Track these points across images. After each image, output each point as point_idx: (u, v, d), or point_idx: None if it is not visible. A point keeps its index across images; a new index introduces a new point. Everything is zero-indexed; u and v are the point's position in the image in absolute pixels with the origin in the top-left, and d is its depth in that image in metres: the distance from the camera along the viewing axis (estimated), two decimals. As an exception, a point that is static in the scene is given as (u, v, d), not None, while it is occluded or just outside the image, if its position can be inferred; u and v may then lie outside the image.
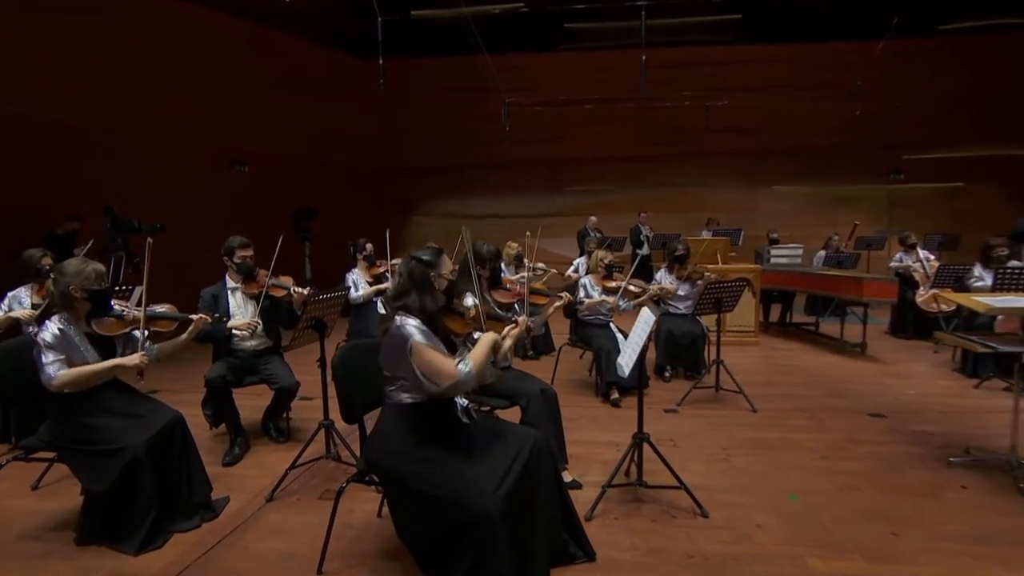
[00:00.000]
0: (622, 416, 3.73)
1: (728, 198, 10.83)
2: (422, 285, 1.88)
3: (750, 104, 10.47)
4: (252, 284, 3.29)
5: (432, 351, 1.77)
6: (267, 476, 2.85)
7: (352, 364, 2.14)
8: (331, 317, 2.94)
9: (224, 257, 3.28)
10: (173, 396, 4.13)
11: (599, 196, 11.32)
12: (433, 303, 1.88)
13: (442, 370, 1.74)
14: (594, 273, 4.44)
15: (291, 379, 3.22)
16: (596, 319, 4.32)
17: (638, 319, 2.59)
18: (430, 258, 1.92)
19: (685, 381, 4.53)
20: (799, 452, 3.12)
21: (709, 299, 4.06)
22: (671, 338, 4.55)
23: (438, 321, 1.88)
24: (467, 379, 1.75)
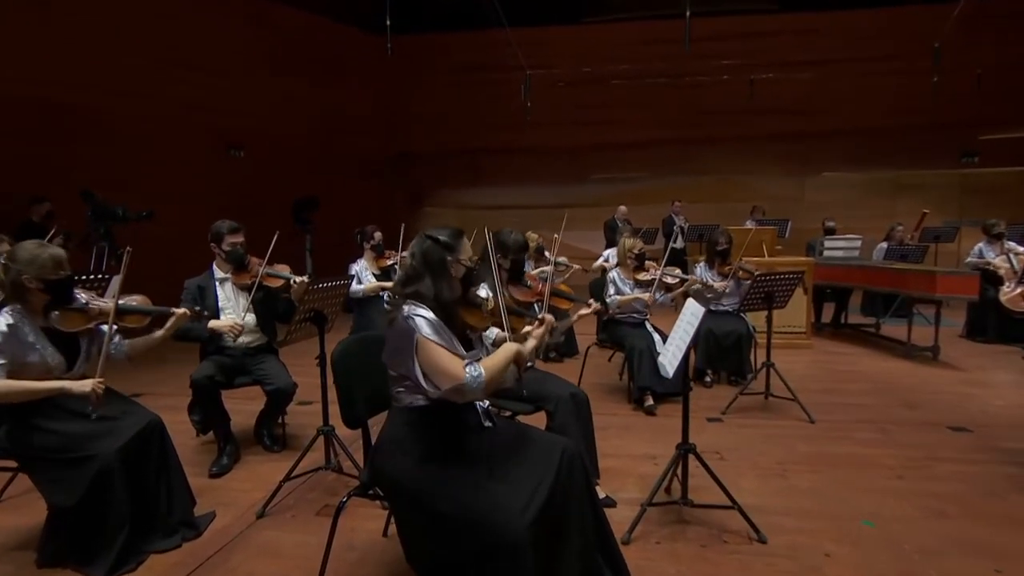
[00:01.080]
0: (658, 425, 3.66)
1: (773, 186, 10.59)
2: (438, 270, 1.78)
3: (798, 80, 10.18)
4: (243, 274, 3.20)
5: (438, 348, 1.67)
6: (259, 489, 2.80)
7: (355, 360, 2.04)
8: (332, 309, 2.86)
9: (211, 244, 3.18)
10: (156, 400, 4.08)
11: (628, 185, 11.16)
12: (449, 291, 1.78)
13: (447, 370, 1.65)
14: (623, 266, 4.31)
15: (287, 380, 3.15)
16: (629, 317, 4.22)
17: (683, 312, 2.47)
18: (448, 239, 1.82)
19: (729, 387, 4.45)
20: (870, 470, 2.99)
21: (758, 294, 3.89)
22: (712, 338, 4.41)
23: (454, 313, 1.78)
24: (474, 387, 1.65)
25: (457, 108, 11.48)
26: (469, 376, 1.65)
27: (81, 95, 7.06)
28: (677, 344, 2.38)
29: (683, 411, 2.47)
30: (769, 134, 10.52)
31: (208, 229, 3.21)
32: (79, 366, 2.30)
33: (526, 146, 11.31)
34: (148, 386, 4.62)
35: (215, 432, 3.17)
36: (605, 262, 6.22)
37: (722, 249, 4.63)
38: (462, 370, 1.66)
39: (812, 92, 10.26)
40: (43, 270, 2.18)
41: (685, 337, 2.33)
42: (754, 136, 10.57)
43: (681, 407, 2.46)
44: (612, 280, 4.25)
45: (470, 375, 1.65)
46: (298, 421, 3.68)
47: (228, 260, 3.19)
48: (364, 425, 2.08)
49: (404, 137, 11.81)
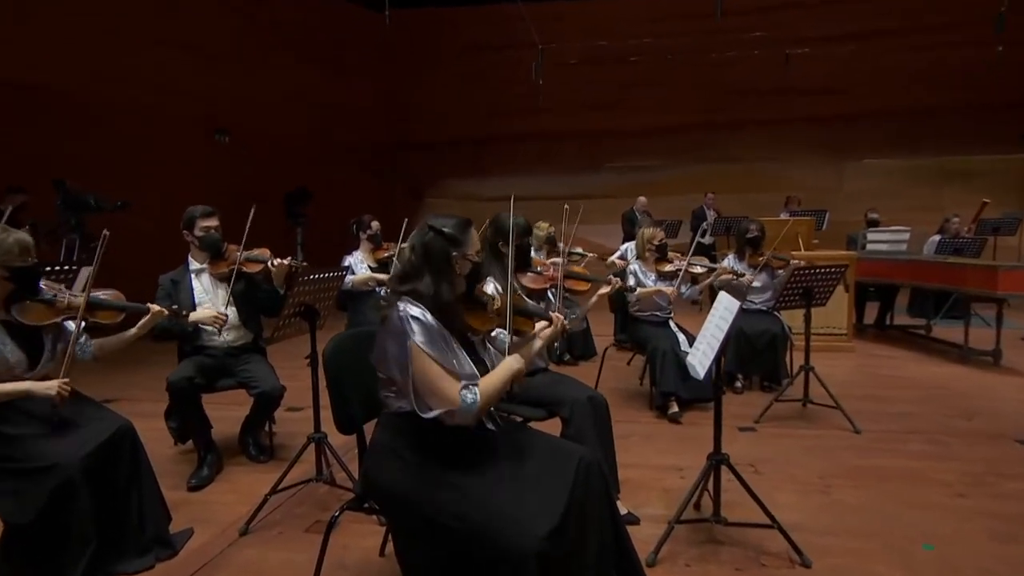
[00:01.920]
0: (684, 434, 3.65)
1: (808, 175, 10.47)
2: (440, 266, 1.73)
3: (837, 54, 10.02)
4: (221, 262, 3.17)
5: (432, 364, 1.64)
6: (242, 503, 2.77)
7: (349, 357, 2.02)
8: (324, 304, 2.83)
9: (184, 232, 3.17)
10: (130, 406, 4.01)
11: (647, 174, 11.09)
12: (451, 291, 1.74)
13: (440, 391, 1.64)
14: (643, 258, 4.28)
15: (274, 383, 3.12)
16: (651, 315, 4.18)
17: (715, 305, 2.41)
18: (454, 231, 1.76)
19: (761, 393, 4.43)
20: (925, 486, 2.92)
21: (796, 289, 3.82)
22: (743, 339, 4.36)
23: (455, 315, 1.74)
24: (467, 413, 1.65)
25: (463, 92, 11.46)
26: (463, 402, 1.64)
27: (54, 77, 7.07)
28: (708, 341, 2.31)
29: (715, 417, 2.42)
30: (804, 116, 10.39)
31: (188, 221, 3.18)
32: (43, 365, 2.25)
33: (536, 132, 11.27)
34: (122, 390, 4.59)
35: (194, 440, 3.14)
36: (622, 258, 6.17)
37: (753, 237, 4.57)
38: (456, 394, 1.64)
39: (853, 68, 10.10)
40: (7, 256, 2.12)
41: (718, 333, 2.27)
42: (787, 119, 10.45)
43: (712, 415, 2.42)
44: (633, 273, 4.21)
45: (464, 401, 1.64)
46: (287, 429, 3.66)
47: (202, 247, 3.16)
48: (359, 430, 2.04)
49: (406, 124, 11.80)
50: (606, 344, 4.69)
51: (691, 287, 4.26)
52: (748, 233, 4.58)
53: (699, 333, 2.43)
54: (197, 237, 3.14)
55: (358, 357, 1.99)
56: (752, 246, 4.60)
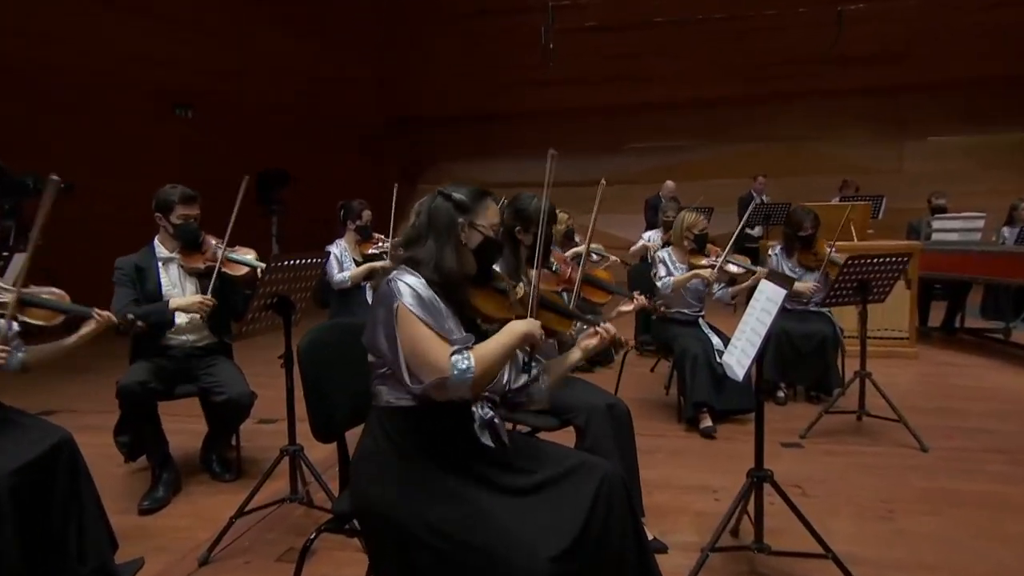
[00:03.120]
0: (718, 451, 3.65)
1: (863, 155, 10.44)
2: (445, 233, 1.78)
3: (898, 15, 9.93)
4: (195, 255, 3.17)
5: (420, 326, 1.65)
6: (203, 528, 2.76)
7: (330, 351, 2.02)
8: (300, 295, 2.81)
9: (157, 215, 3.15)
10: (74, 419, 4.01)
11: (675, 155, 11.09)
12: (456, 261, 1.76)
13: (427, 356, 1.63)
14: (677, 246, 4.23)
15: (242, 388, 3.10)
16: (679, 312, 4.15)
17: (756, 295, 2.37)
18: (464, 197, 1.81)
19: (808, 404, 4.42)
20: (1007, 514, 2.87)
21: (849, 282, 3.75)
22: (787, 341, 4.33)
23: (457, 288, 1.76)
24: (460, 383, 1.62)
25: (464, 63, 11.49)
26: (455, 369, 1.62)
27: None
28: (748, 337, 2.28)
29: (756, 429, 2.38)
30: (859, 87, 10.36)
31: (144, 206, 3.16)
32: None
33: (547, 108, 11.26)
34: (66, 400, 4.58)
35: (148, 457, 3.13)
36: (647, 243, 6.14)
37: (806, 235, 4.43)
38: (447, 359, 1.62)
39: (916, 30, 10.04)
40: None
41: (759, 328, 2.23)
42: (839, 91, 10.42)
43: (750, 428, 2.43)
44: (662, 260, 4.16)
45: (456, 367, 1.62)
46: (258, 443, 3.65)
47: (178, 237, 3.14)
48: (341, 439, 2.01)
49: (401, 99, 11.84)
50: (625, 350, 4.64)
51: (724, 287, 4.21)
52: (801, 230, 4.42)
53: (737, 328, 2.39)
54: (173, 224, 3.12)
55: (342, 352, 1.98)
56: (804, 244, 4.47)
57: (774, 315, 2.17)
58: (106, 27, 7.95)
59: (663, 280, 4.04)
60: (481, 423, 1.74)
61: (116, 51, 8.04)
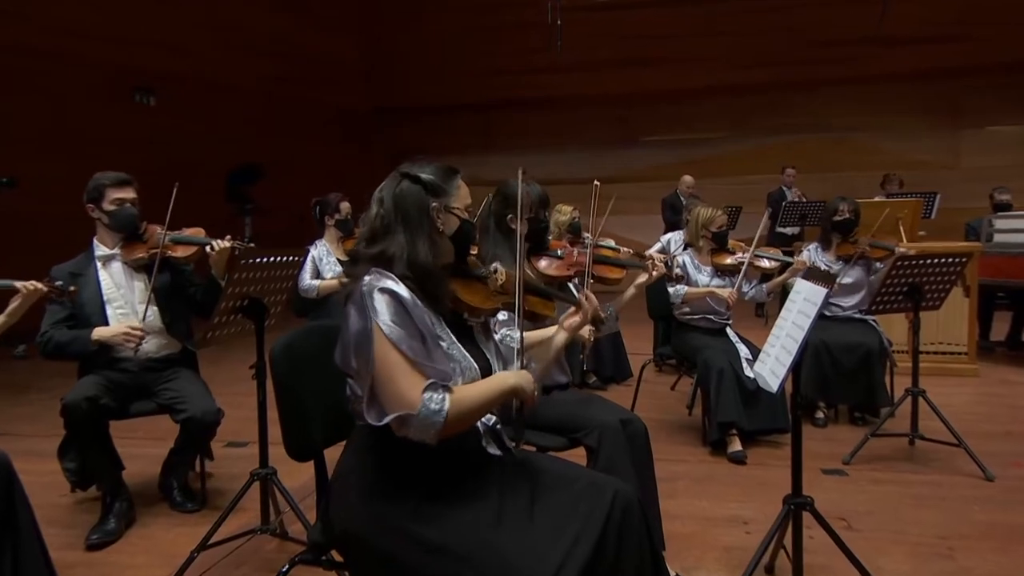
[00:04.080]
0: (749, 477, 3.64)
1: (913, 147, 10.45)
2: (415, 221, 1.76)
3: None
4: (138, 246, 3.18)
5: (393, 352, 1.62)
6: (161, 564, 2.73)
7: (307, 357, 2.02)
8: (275, 297, 2.82)
9: (88, 206, 3.17)
10: (14, 443, 4.01)
11: (698, 149, 11.12)
12: (430, 253, 1.75)
13: (397, 389, 1.61)
14: (696, 247, 4.26)
15: (207, 405, 3.10)
16: (703, 319, 4.19)
17: (792, 295, 2.38)
18: (433, 177, 1.82)
19: (852, 427, 4.40)
20: None
21: (899, 285, 3.75)
22: (827, 355, 4.32)
23: (438, 283, 1.75)
24: (427, 424, 1.59)
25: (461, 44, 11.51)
26: (424, 408, 1.59)
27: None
28: (783, 343, 2.28)
29: (792, 452, 2.36)
30: (907, 71, 10.37)
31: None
32: None
33: (553, 95, 11.29)
34: (5, 423, 4.56)
35: (99, 484, 3.12)
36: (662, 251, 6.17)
37: (843, 220, 4.49)
38: (418, 394, 1.59)
39: (972, 7, 10.02)
40: None
41: (796, 333, 2.22)
42: (885, 75, 10.44)
43: (786, 452, 2.50)
44: (681, 266, 4.20)
45: (426, 406, 1.59)
46: (226, 469, 3.63)
47: (113, 225, 3.14)
48: (319, 457, 2.01)
49: (390, 84, 11.86)
50: (645, 360, 4.67)
51: (756, 285, 4.23)
52: (836, 214, 4.50)
53: (771, 332, 2.39)
54: (106, 212, 3.12)
55: (320, 357, 1.97)
56: (841, 232, 4.52)
57: (813, 317, 2.16)
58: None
59: (676, 288, 4.06)
60: (487, 431, 1.74)
61: (62, 26, 7.98)
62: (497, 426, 1.78)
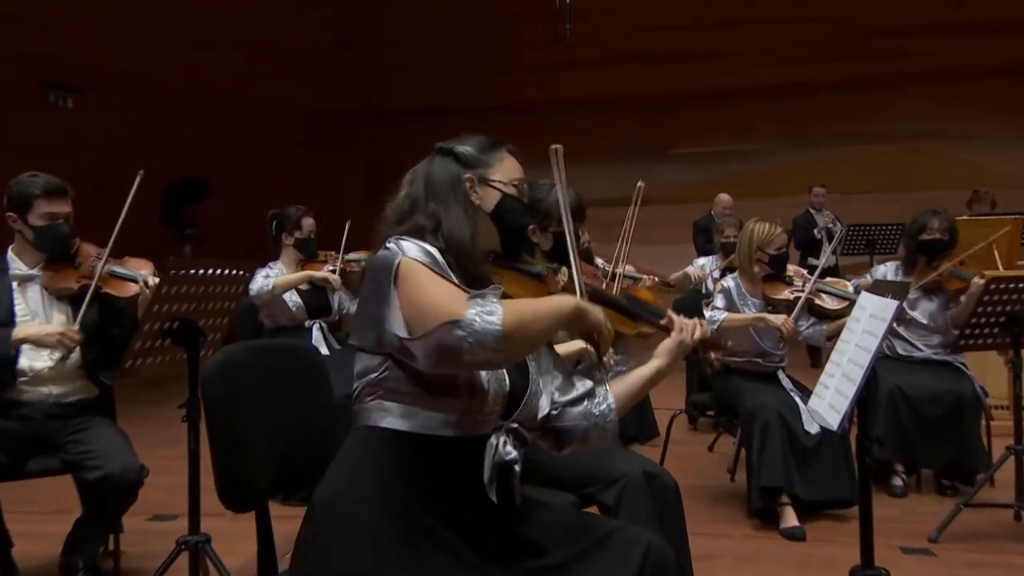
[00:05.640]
0: (806, 557, 3.63)
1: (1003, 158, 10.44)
2: (450, 193, 1.87)
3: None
4: (66, 272, 3.21)
5: (430, 275, 1.70)
6: None
7: (247, 377, 2.03)
8: (213, 320, 2.85)
9: (8, 215, 3.20)
10: None
11: (738, 164, 11.21)
12: (468, 226, 1.83)
13: (436, 301, 1.63)
14: (745, 272, 4.28)
15: (127, 460, 3.06)
16: (749, 362, 4.20)
17: (856, 313, 2.45)
18: (471, 148, 1.93)
19: (940, 497, 4.39)
20: None
21: (993, 316, 3.78)
22: (905, 406, 4.35)
23: (474, 261, 1.83)
24: (481, 333, 1.56)
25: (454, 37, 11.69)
26: (471, 310, 1.57)
27: None
28: (846, 370, 2.31)
29: (861, 525, 2.37)
30: (995, 65, 10.41)
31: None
32: None
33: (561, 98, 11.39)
34: None
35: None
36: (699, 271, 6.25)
37: (931, 240, 4.49)
38: (462, 302, 1.61)
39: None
40: None
41: (861, 356, 2.26)
42: (966, 71, 10.48)
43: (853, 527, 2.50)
44: (725, 291, 4.21)
45: (473, 309, 1.57)
46: (148, 546, 3.55)
47: (40, 245, 3.18)
48: (262, 509, 2.03)
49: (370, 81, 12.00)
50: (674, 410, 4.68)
51: (815, 324, 4.23)
52: (924, 232, 4.49)
53: (828, 360, 2.43)
54: (32, 227, 3.15)
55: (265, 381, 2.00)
56: (928, 254, 4.52)
57: (880, 337, 2.19)
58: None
59: (712, 313, 4.05)
60: (496, 466, 1.74)
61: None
62: (516, 467, 1.77)
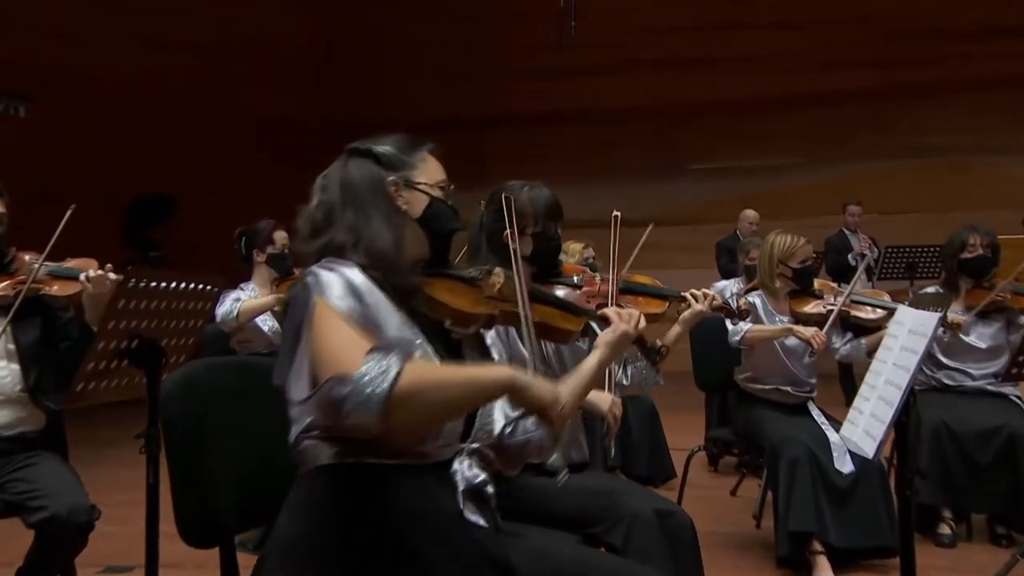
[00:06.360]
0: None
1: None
2: (366, 199, 1.87)
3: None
4: (1, 279, 3.21)
5: (340, 325, 1.66)
6: None
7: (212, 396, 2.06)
8: (177, 340, 2.84)
9: None
10: None
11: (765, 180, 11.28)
12: (393, 236, 1.83)
13: (333, 351, 1.62)
14: (767, 287, 4.34)
15: (76, 500, 3.05)
16: (776, 390, 4.23)
17: (893, 330, 2.48)
18: (390, 149, 1.94)
19: (993, 548, 4.38)
20: None
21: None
22: (952, 443, 4.35)
23: (401, 273, 1.83)
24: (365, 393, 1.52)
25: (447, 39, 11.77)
26: (363, 371, 1.52)
27: None
28: (882, 392, 2.32)
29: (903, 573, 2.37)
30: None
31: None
32: None
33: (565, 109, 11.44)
34: None
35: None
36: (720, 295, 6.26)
37: (973, 257, 4.54)
38: (360, 354, 1.56)
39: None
40: None
41: (899, 376, 2.26)
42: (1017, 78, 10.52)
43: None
44: (749, 306, 4.17)
45: (367, 366, 1.53)
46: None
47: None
48: (226, 544, 2.06)
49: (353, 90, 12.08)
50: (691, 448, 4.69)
51: (853, 339, 4.26)
52: (965, 250, 4.54)
53: (863, 383, 2.43)
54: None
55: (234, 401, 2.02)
56: (972, 273, 4.57)
57: (920, 354, 2.20)
58: None
59: (735, 326, 4.08)
60: (467, 490, 1.75)
61: None
62: (487, 488, 1.78)
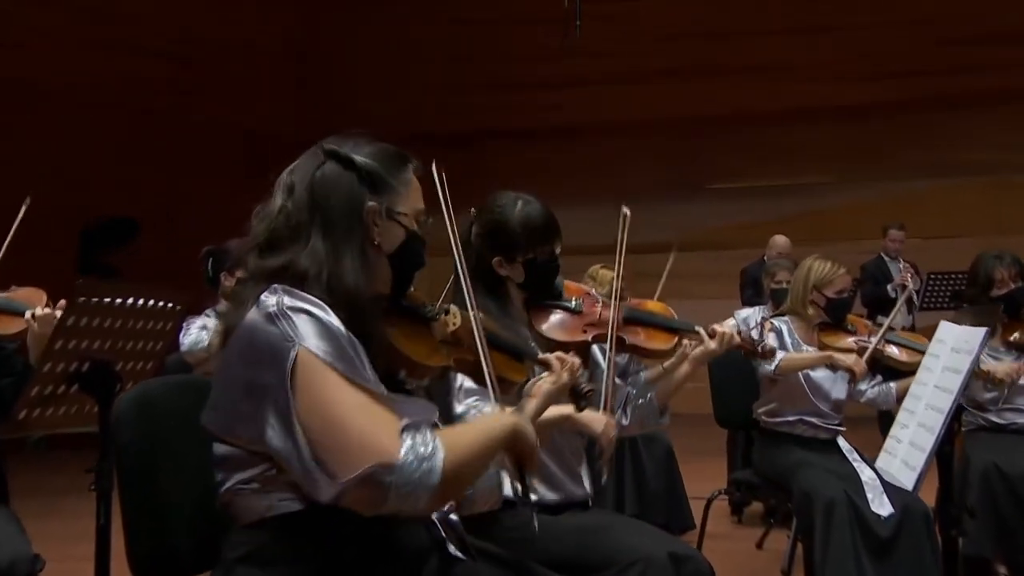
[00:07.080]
0: None
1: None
2: (341, 225, 1.82)
3: None
4: None
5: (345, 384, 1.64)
6: None
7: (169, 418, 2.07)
8: (134, 364, 2.89)
9: None
10: None
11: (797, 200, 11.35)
12: (363, 275, 1.80)
13: (361, 434, 1.60)
14: (797, 314, 4.38)
15: (17, 550, 3.01)
16: (801, 421, 4.24)
17: (934, 349, 2.53)
18: (374, 163, 1.88)
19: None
20: None
21: None
22: (1004, 488, 4.33)
23: (371, 321, 1.80)
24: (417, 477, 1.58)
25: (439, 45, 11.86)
26: (407, 451, 1.57)
27: None
28: (922, 418, 2.34)
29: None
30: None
31: None
32: None
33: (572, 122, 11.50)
34: None
35: None
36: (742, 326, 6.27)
37: (1006, 294, 4.58)
38: (395, 436, 1.58)
39: None
40: None
41: (941, 399, 2.28)
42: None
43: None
44: (775, 330, 4.27)
45: (410, 449, 1.57)
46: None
47: None
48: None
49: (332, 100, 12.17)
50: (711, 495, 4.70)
51: (882, 383, 4.30)
52: (995, 286, 4.58)
53: (901, 407, 2.42)
54: None
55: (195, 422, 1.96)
56: (1008, 308, 4.59)
57: (965, 373, 2.21)
58: None
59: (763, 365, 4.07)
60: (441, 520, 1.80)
61: None
62: (452, 518, 1.82)
